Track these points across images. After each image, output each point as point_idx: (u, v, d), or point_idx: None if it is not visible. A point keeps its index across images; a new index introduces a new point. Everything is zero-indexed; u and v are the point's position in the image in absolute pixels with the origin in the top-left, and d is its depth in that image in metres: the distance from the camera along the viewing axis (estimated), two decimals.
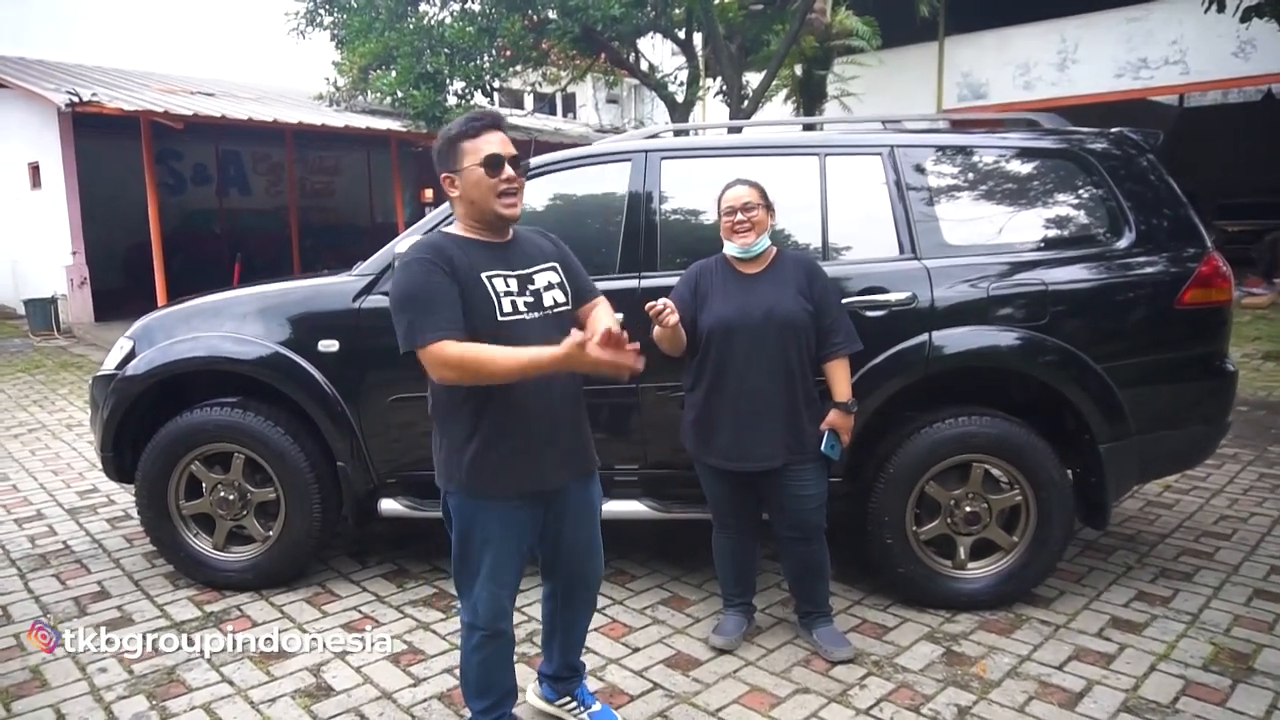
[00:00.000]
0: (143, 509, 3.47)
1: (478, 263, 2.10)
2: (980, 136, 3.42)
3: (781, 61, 13.12)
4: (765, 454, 2.73)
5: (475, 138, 2.11)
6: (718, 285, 2.78)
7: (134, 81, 12.89)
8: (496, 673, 2.30)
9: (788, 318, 2.70)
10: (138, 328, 3.66)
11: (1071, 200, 3.30)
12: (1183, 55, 13.38)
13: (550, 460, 2.18)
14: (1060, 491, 3.13)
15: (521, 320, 2.11)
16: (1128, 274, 3.17)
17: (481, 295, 2.07)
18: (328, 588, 3.51)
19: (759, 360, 2.70)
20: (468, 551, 2.19)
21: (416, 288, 2.04)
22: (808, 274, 2.77)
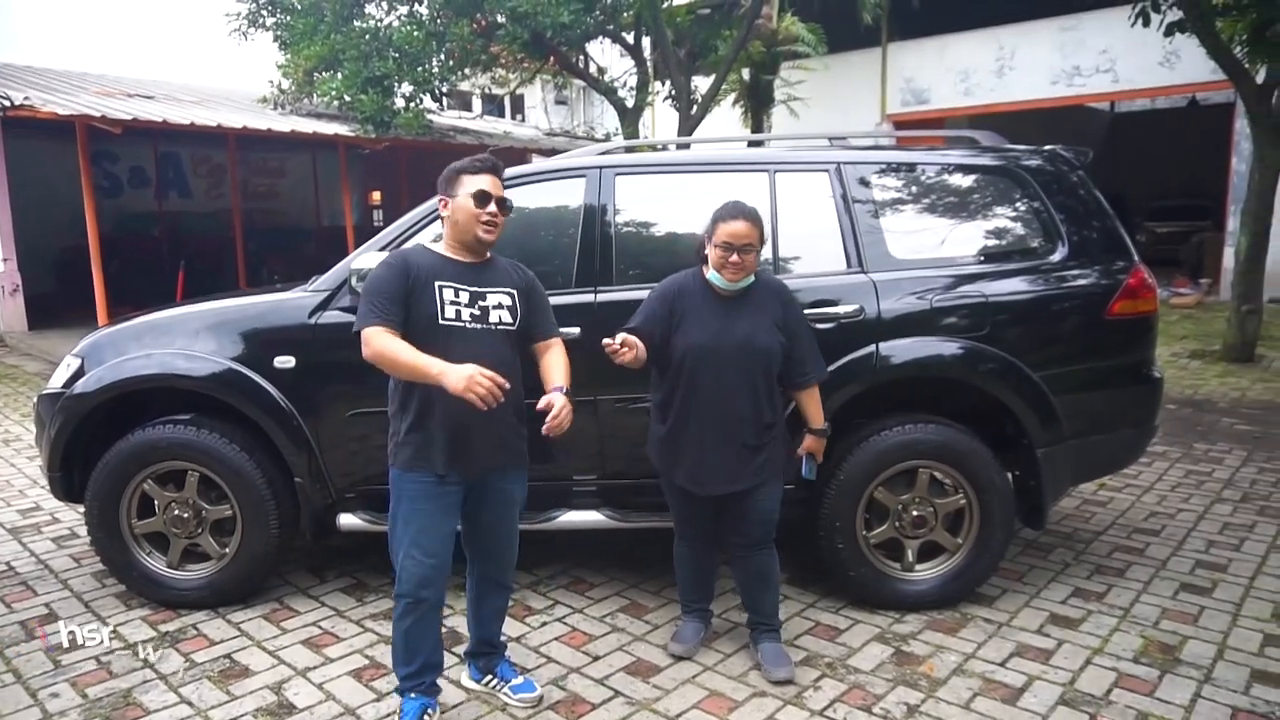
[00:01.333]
0: (93, 528, 3.41)
1: (436, 272, 2.51)
2: (922, 153, 3.56)
3: (730, 67, 13.27)
4: (731, 478, 2.78)
5: (475, 175, 2.55)
6: (695, 307, 2.79)
7: (70, 83, 12.50)
8: (419, 641, 2.56)
9: (762, 348, 2.74)
10: (86, 344, 3.60)
11: (1009, 215, 3.45)
12: (1113, 64, 13.88)
13: (473, 449, 2.51)
14: (1001, 495, 3.27)
15: (461, 327, 2.49)
16: (1062, 286, 3.33)
17: (429, 298, 2.48)
18: (286, 604, 3.50)
19: (730, 388, 2.74)
20: (396, 519, 2.55)
21: (372, 283, 2.50)
22: (783, 304, 2.81)
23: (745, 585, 2.98)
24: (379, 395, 3.33)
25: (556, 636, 3.21)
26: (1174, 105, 20.20)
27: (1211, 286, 13.43)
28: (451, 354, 2.39)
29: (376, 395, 3.33)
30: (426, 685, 2.60)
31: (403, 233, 3.39)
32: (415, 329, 2.45)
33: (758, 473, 2.80)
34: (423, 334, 2.45)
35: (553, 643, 3.15)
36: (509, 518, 2.71)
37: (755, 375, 2.75)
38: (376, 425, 3.35)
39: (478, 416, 2.39)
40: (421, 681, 2.59)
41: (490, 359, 2.42)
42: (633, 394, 3.25)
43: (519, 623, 3.31)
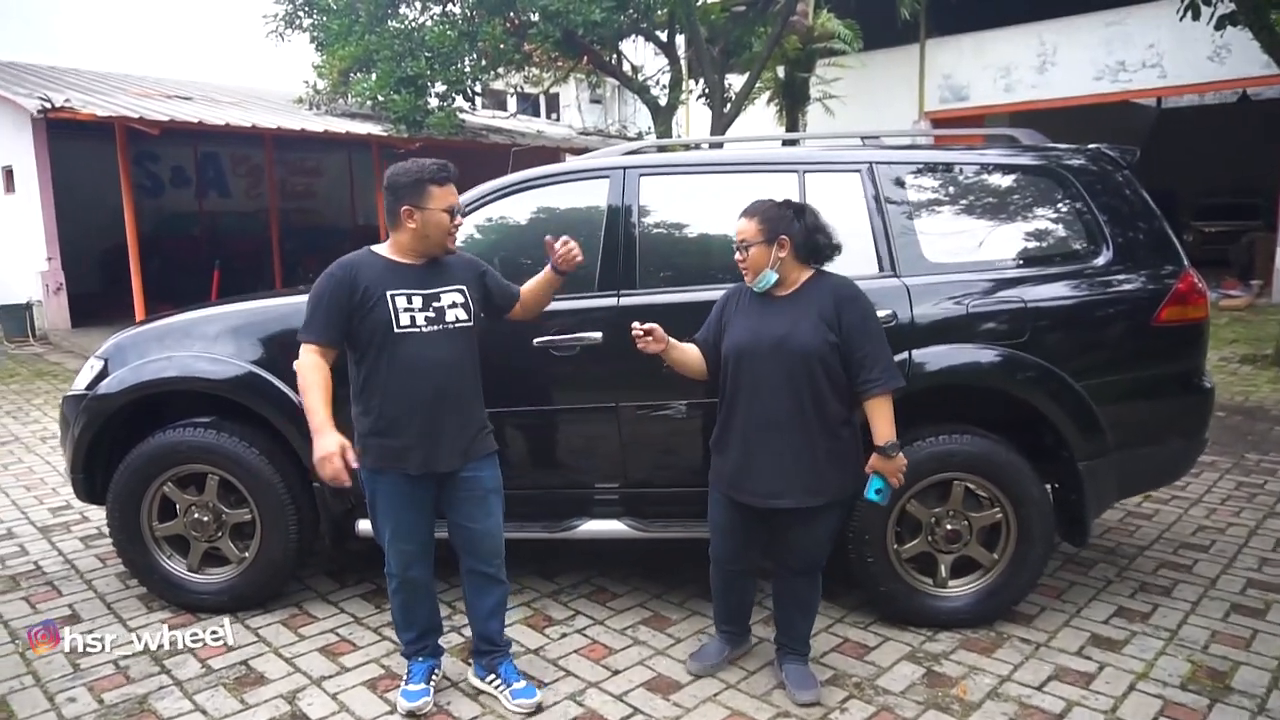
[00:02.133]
0: (114, 531, 3.41)
1: (388, 283, 2.54)
2: (959, 153, 3.42)
3: (764, 64, 13.12)
4: (772, 489, 2.61)
5: (443, 186, 2.55)
6: (742, 309, 2.70)
7: (110, 85, 12.72)
8: (415, 610, 2.75)
9: (801, 347, 2.54)
10: (109, 346, 3.60)
11: (1050, 217, 3.31)
12: (1160, 59, 13.49)
13: (431, 449, 2.56)
14: (1040, 509, 3.13)
15: (418, 333, 2.53)
16: (1106, 291, 3.18)
17: (382, 310, 2.51)
18: (305, 609, 3.47)
19: (766, 390, 2.58)
20: (375, 516, 2.68)
21: (316, 293, 2.56)
22: (836, 300, 2.58)
23: (781, 606, 2.85)
24: None
25: (576, 649, 3.13)
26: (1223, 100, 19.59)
27: (1263, 288, 12.98)
28: (411, 359, 2.52)
29: None
30: (430, 647, 2.81)
31: None
32: (370, 337, 2.51)
33: (808, 491, 2.59)
34: (379, 342, 2.52)
35: (572, 655, 3.08)
36: (486, 507, 2.71)
37: (796, 376, 2.55)
38: None
39: (438, 417, 2.55)
40: (424, 645, 2.79)
41: (447, 359, 2.58)
42: (656, 400, 3.17)
43: (538, 634, 3.24)
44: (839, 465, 2.62)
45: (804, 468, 2.59)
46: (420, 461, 2.56)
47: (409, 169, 2.55)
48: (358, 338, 2.54)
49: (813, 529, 2.66)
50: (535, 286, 2.86)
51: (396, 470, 2.56)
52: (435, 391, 2.55)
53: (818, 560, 2.74)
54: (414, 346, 2.52)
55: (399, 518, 2.62)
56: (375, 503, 2.64)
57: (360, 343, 2.54)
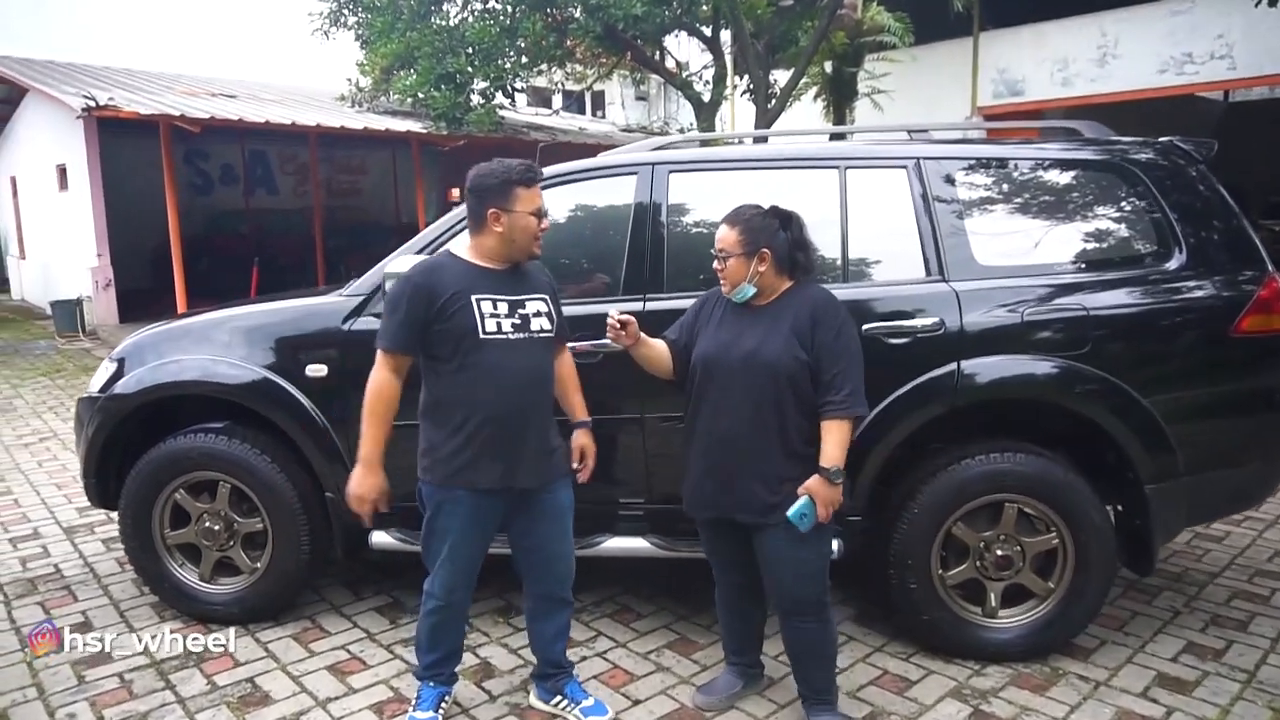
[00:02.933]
0: (126, 538, 3.32)
1: (473, 287, 2.40)
2: (1015, 147, 3.16)
3: (810, 59, 12.78)
4: (725, 501, 2.46)
5: (530, 188, 2.42)
6: (714, 317, 2.54)
7: (158, 84, 12.90)
8: (444, 634, 2.60)
9: (769, 362, 2.37)
10: (126, 346, 3.52)
11: (1115, 216, 3.04)
12: (1229, 50, 12.84)
13: (512, 463, 2.42)
14: (1101, 535, 2.88)
15: (505, 339, 2.40)
16: (1177, 298, 2.90)
17: (467, 315, 2.37)
18: (318, 622, 3.35)
19: (730, 405, 2.42)
20: (433, 534, 2.50)
21: (394, 298, 2.44)
22: (812, 316, 2.39)
23: (792, 655, 2.61)
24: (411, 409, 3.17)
25: (596, 674, 2.95)
26: None
27: None
28: (495, 367, 2.38)
29: (411, 408, 3.17)
30: (447, 674, 2.67)
31: (440, 235, 3.18)
32: (452, 344, 2.38)
33: (767, 507, 2.39)
34: (462, 348, 2.38)
35: (591, 681, 2.90)
36: (561, 528, 2.60)
37: (761, 392, 2.37)
38: (410, 440, 3.17)
39: (521, 430, 2.42)
40: (442, 671, 2.64)
41: (532, 369, 2.46)
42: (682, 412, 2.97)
43: None
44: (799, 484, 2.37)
45: (761, 484, 2.40)
46: (499, 476, 2.42)
47: (494, 170, 2.42)
48: (437, 344, 2.39)
49: (780, 549, 2.42)
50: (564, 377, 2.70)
51: (469, 485, 2.41)
52: (519, 402, 2.43)
53: (810, 597, 2.46)
54: (499, 354, 2.39)
55: (461, 537, 2.46)
56: (436, 519, 2.48)
57: (439, 349, 2.40)
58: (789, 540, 2.40)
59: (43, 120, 13.11)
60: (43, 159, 13.64)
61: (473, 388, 2.38)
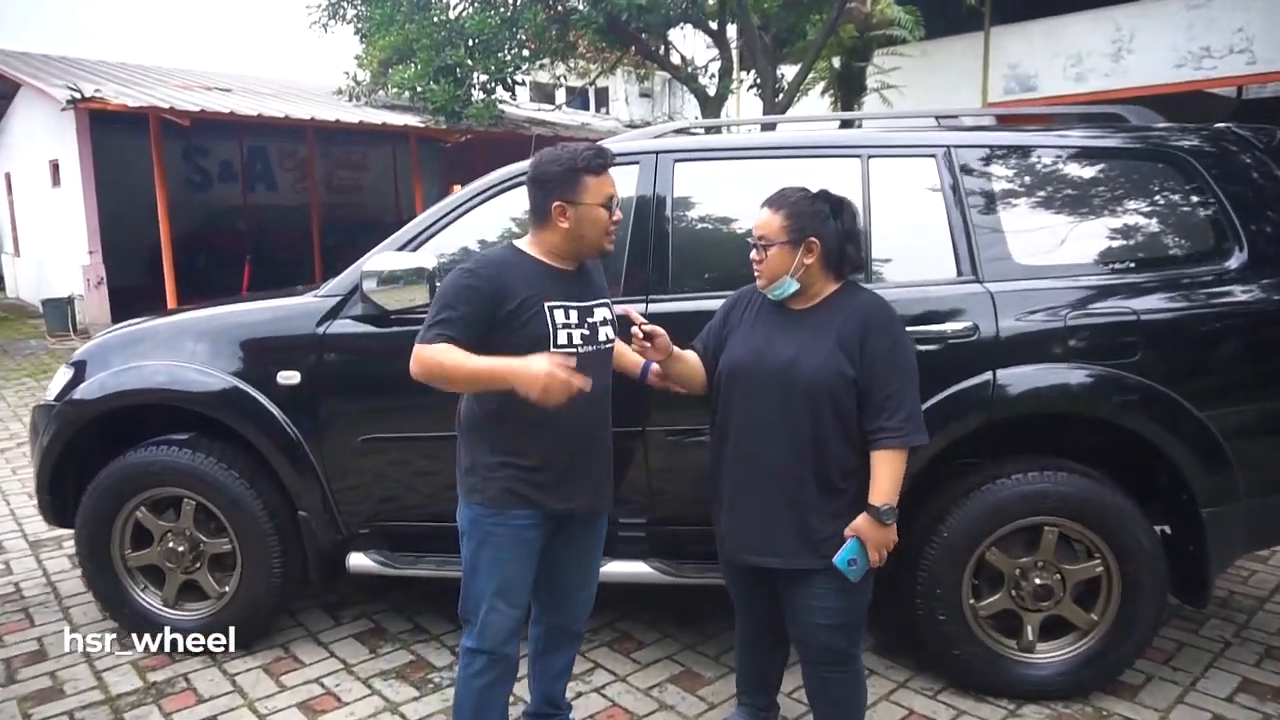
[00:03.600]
0: (83, 559, 3.07)
1: (546, 291, 2.08)
2: (1055, 135, 2.88)
3: (819, 53, 12.50)
4: (755, 544, 2.13)
5: (599, 175, 2.09)
6: (748, 320, 2.21)
7: (152, 78, 12.66)
8: (495, 701, 2.21)
9: (809, 378, 2.03)
10: (88, 348, 3.26)
11: (1167, 210, 2.75)
12: (1249, 43, 12.52)
13: (577, 485, 2.16)
14: (1151, 562, 2.61)
15: (575, 353, 2.08)
16: (1238, 300, 2.61)
17: (538, 324, 2.06)
18: (291, 651, 3.08)
19: (764, 424, 2.09)
20: (478, 570, 2.15)
21: (451, 294, 2.04)
22: (864, 326, 2.05)
23: (814, 705, 2.30)
24: (396, 418, 2.91)
25: (592, 714, 2.69)
26: None
27: None
28: None
29: (393, 418, 2.91)
30: None
31: (423, 231, 2.92)
32: (520, 355, 1.99)
33: (800, 549, 2.07)
34: None
35: None
36: (593, 557, 2.36)
37: (799, 414, 2.04)
38: (392, 453, 2.92)
39: (587, 451, 2.18)
40: None
41: (601, 386, 2.15)
42: (688, 425, 2.71)
43: None
44: (845, 523, 2.06)
45: (795, 521, 2.07)
46: (564, 497, 2.14)
47: (559, 157, 2.10)
48: (498, 353, 1.99)
49: (813, 597, 2.09)
50: None
51: (531, 505, 2.10)
52: (587, 422, 2.16)
53: (842, 648, 2.15)
54: None
55: (515, 569, 2.13)
56: (484, 549, 2.12)
57: None
58: (826, 588, 2.08)
59: (36, 115, 12.86)
60: (36, 155, 13.39)
61: (533, 406, 1.97)
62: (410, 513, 2.96)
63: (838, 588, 2.07)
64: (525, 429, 2.08)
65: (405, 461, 2.92)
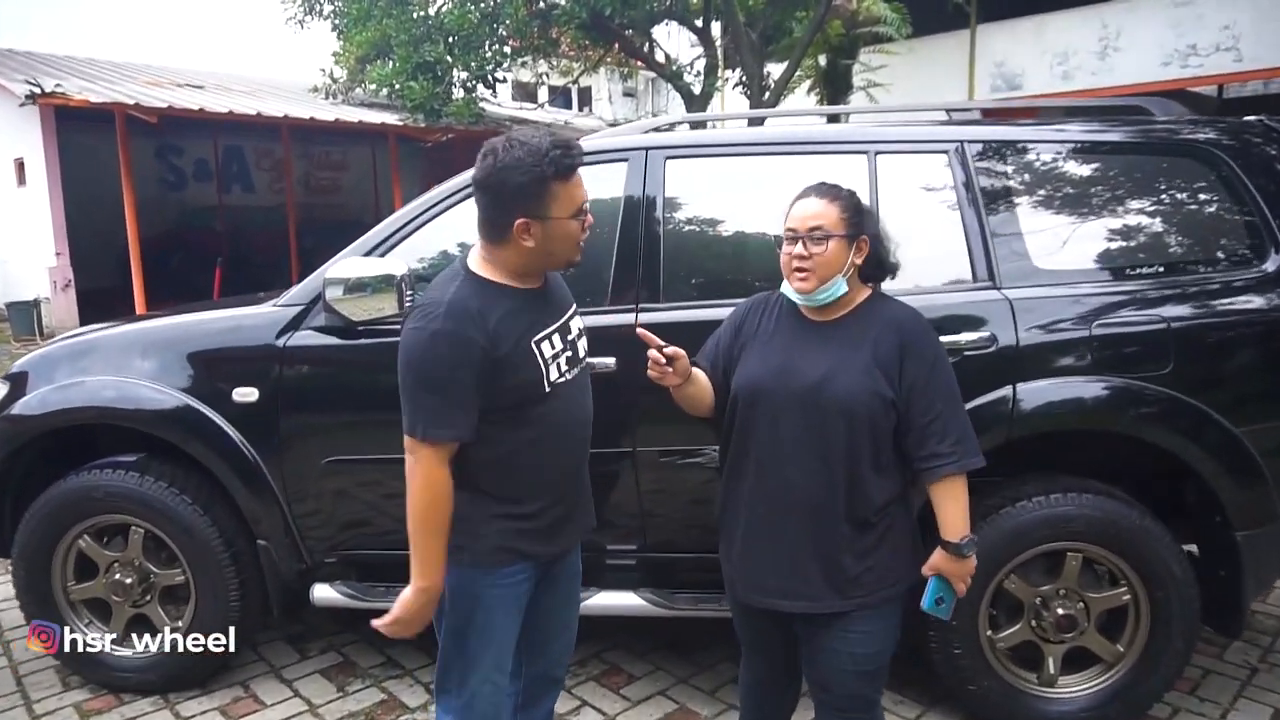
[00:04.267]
0: (20, 591, 2.82)
1: (526, 325, 1.78)
2: (1076, 129, 2.68)
3: (805, 50, 12.35)
4: (785, 589, 1.87)
5: (569, 179, 1.73)
6: (766, 332, 1.94)
7: (121, 74, 12.30)
8: None
9: (846, 398, 1.78)
10: (30, 359, 3.01)
11: (1197, 210, 2.57)
12: (1236, 41, 12.48)
13: (567, 524, 1.92)
14: (1182, 589, 2.42)
15: (565, 382, 1.85)
16: (1275, 307, 2.43)
17: (532, 366, 1.77)
18: (251, 690, 2.84)
19: (791, 452, 1.83)
20: (467, 635, 1.83)
21: (441, 369, 1.69)
22: (902, 341, 1.81)
23: None
24: (364, 437, 2.67)
25: None
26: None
27: None
28: (562, 416, 1.85)
29: (361, 437, 2.67)
30: None
31: (392, 235, 2.69)
32: (511, 403, 1.76)
33: (830, 591, 1.84)
34: (525, 404, 1.78)
35: None
36: (574, 592, 2.11)
37: (833, 438, 1.79)
38: (360, 476, 2.69)
39: (581, 479, 1.96)
40: None
41: (588, 406, 1.95)
42: (684, 445, 2.49)
43: None
44: (877, 560, 1.85)
45: (823, 560, 1.83)
46: (559, 540, 1.90)
47: (520, 161, 1.68)
48: (490, 405, 1.74)
49: (854, 641, 1.87)
50: None
51: (522, 561, 1.83)
52: (580, 450, 1.94)
53: (867, 694, 1.93)
54: (564, 400, 1.84)
55: (509, 633, 1.88)
56: (475, 616, 1.82)
57: (490, 409, 1.75)
58: (855, 633, 1.86)
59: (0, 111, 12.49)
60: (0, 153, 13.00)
61: (532, 446, 1.80)
62: (380, 540, 2.73)
63: (867, 632, 1.86)
64: (530, 472, 1.82)
65: (374, 484, 2.69)
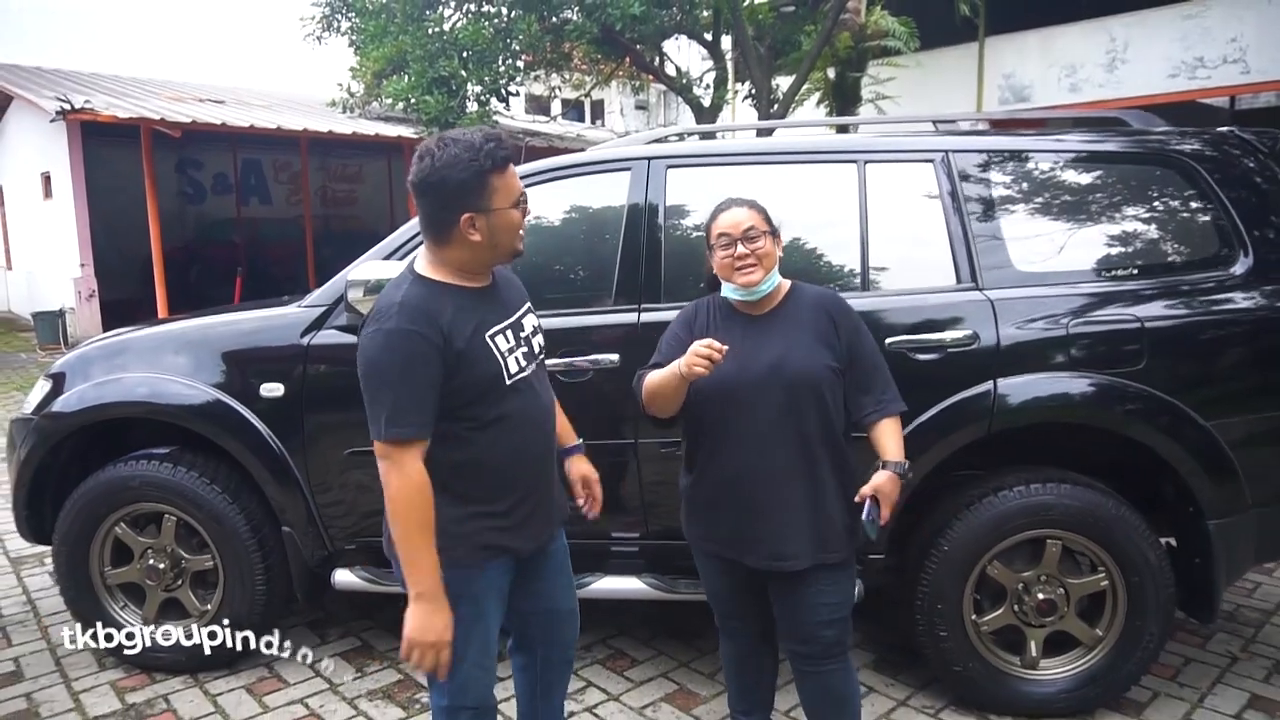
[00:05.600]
0: (61, 576, 2.99)
1: (478, 321, 1.84)
2: (1055, 139, 2.83)
3: (813, 63, 12.50)
4: (783, 550, 2.07)
5: (505, 171, 1.81)
6: (713, 329, 2.13)
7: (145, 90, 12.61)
8: None
9: (801, 373, 2.03)
10: (67, 360, 3.19)
11: (1170, 216, 2.71)
12: (1243, 54, 12.56)
13: (539, 516, 1.98)
14: (1158, 576, 2.54)
15: (524, 378, 1.91)
16: (1243, 307, 2.56)
17: (488, 359, 1.83)
18: (275, 671, 3.00)
19: (765, 429, 2.04)
20: (456, 630, 1.83)
21: (396, 367, 1.74)
22: (831, 315, 2.09)
23: (815, 711, 2.24)
24: None
25: None
26: None
27: None
28: (522, 412, 1.90)
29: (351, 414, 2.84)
30: None
31: (409, 239, 2.85)
32: (473, 399, 1.82)
33: (826, 545, 2.06)
34: (485, 404, 1.84)
35: None
36: (569, 579, 2.20)
37: (801, 413, 2.03)
38: None
39: (548, 476, 2.02)
40: None
41: (548, 403, 2.03)
42: None
43: None
44: (848, 507, 2.09)
45: (821, 519, 2.06)
46: (535, 534, 1.97)
47: (456, 159, 1.74)
48: (446, 403, 1.79)
49: (821, 593, 2.08)
50: None
51: (500, 557, 1.91)
52: (545, 443, 2.01)
53: (840, 640, 2.14)
54: (524, 396, 1.90)
55: (493, 622, 1.95)
56: (458, 611, 1.82)
57: (450, 408, 1.80)
58: (828, 584, 2.09)
59: (27, 127, 12.81)
60: (27, 167, 13.34)
61: (498, 444, 1.86)
62: None
63: (837, 580, 2.10)
64: (501, 470, 1.89)
65: None
